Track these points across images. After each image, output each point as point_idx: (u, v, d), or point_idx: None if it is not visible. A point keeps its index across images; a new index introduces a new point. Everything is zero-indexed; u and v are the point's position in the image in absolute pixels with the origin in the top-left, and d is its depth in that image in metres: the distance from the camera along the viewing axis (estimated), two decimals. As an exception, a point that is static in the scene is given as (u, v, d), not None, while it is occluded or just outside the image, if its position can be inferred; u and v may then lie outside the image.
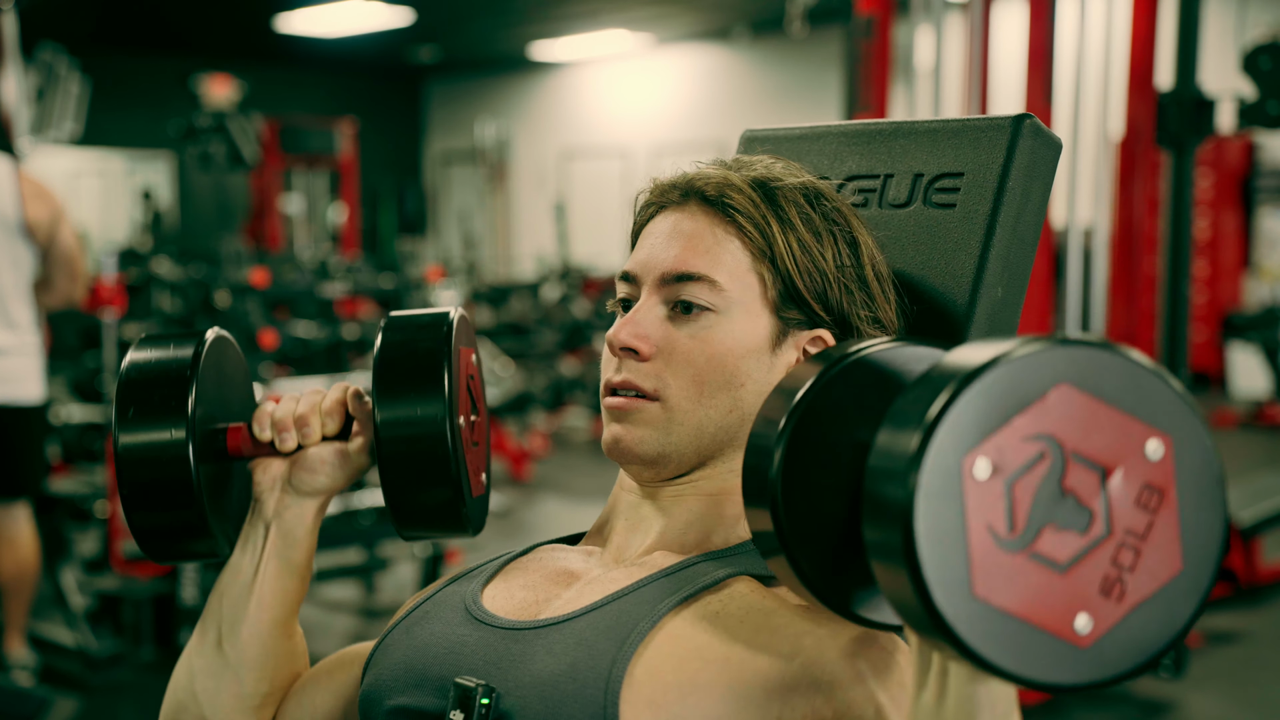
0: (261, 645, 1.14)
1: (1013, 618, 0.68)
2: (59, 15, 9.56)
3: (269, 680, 1.14)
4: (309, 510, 1.13)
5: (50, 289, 3.70)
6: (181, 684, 1.16)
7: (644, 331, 1.05)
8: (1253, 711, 3.86)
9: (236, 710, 1.14)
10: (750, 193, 1.06)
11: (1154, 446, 0.70)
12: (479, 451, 1.12)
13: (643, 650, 0.94)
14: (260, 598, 1.13)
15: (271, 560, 1.13)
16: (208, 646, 1.15)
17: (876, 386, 0.86)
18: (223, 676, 1.14)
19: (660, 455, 1.05)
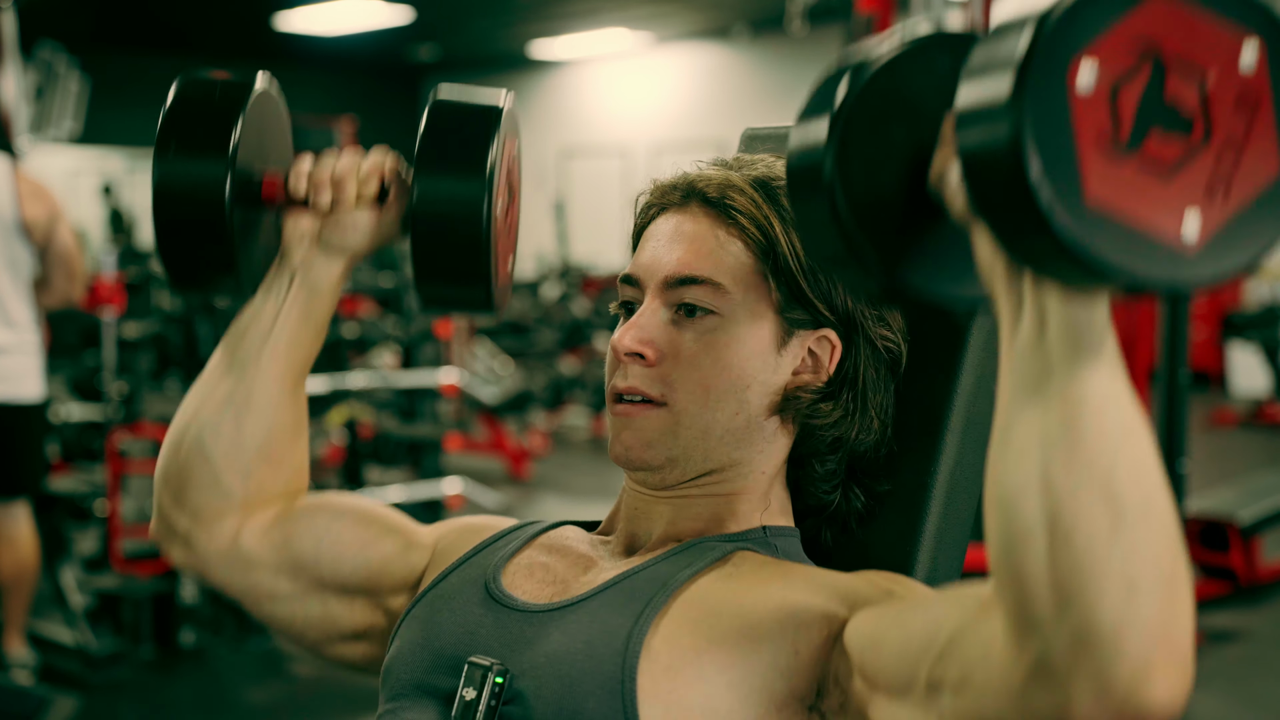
0: (267, 394, 1.15)
1: (1124, 220, 0.68)
2: (58, 14, 9.55)
3: (266, 429, 1.15)
4: (335, 268, 1.15)
5: (49, 288, 3.70)
6: (189, 409, 1.17)
7: (648, 336, 1.05)
8: (1253, 711, 3.86)
9: (232, 449, 1.14)
10: (751, 193, 1.06)
11: (1249, 50, 0.71)
12: (509, 238, 1.14)
13: (659, 621, 0.96)
14: (276, 345, 1.15)
15: (293, 309, 1.15)
16: (218, 378, 1.16)
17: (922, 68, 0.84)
18: (225, 411, 1.15)
19: (669, 460, 1.05)
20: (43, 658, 3.87)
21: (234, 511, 1.15)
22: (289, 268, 1.15)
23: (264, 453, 1.15)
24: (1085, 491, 0.70)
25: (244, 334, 1.16)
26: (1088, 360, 0.72)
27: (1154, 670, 0.69)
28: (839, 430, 1.06)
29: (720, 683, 0.93)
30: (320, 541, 1.15)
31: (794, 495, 1.11)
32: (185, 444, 1.16)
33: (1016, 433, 0.74)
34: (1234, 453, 7.83)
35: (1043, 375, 0.73)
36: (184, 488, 1.16)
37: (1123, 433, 0.72)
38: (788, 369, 1.06)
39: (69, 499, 4.35)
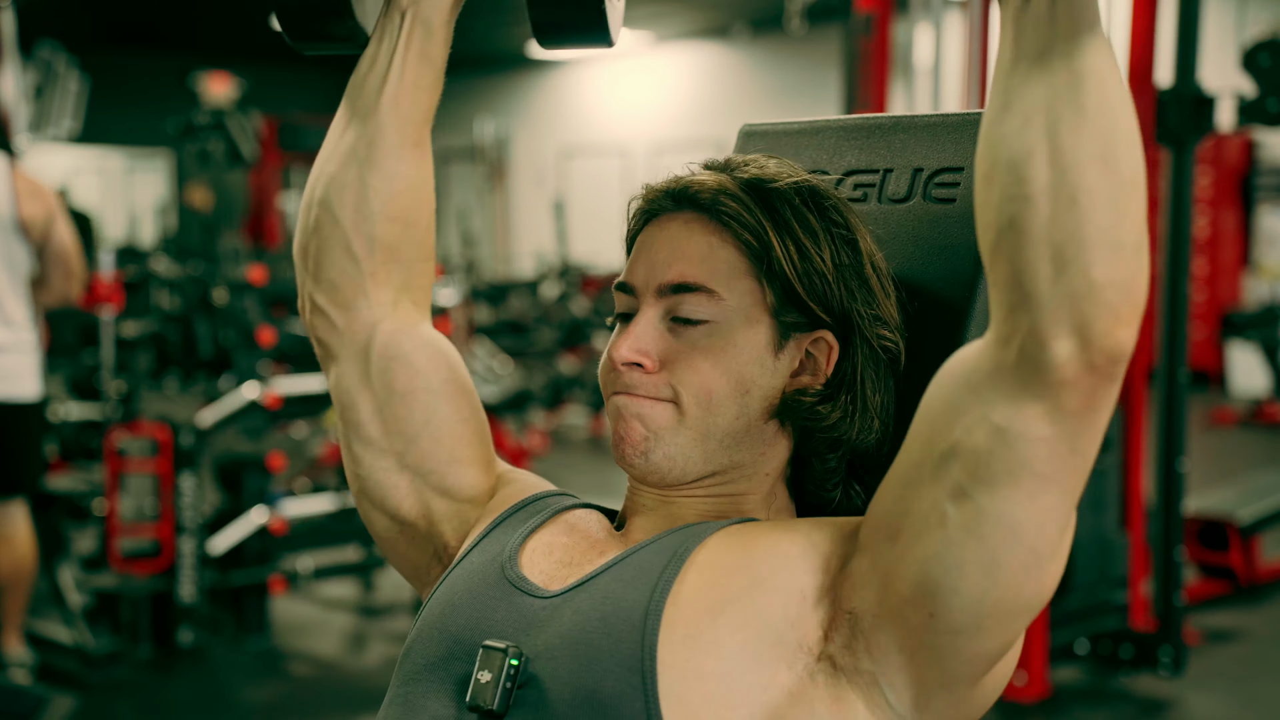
0: (388, 142, 1.12)
1: None
2: (58, 13, 9.55)
3: (389, 184, 1.12)
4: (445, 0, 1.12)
5: (47, 287, 3.70)
6: (318, 167, 1.15)
7: (645, 346, 1.05)
8: (1252, 710, 3.86)
9: (358, 208, 1.12)
10: (744, 197, 1.05)
11: None
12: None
13: (676, 592, 0.96)
14: (394, 89, 1.12)
15: (409, 49, 1.12)
16: (341, 133, 1.14)
17: None
18: (348, 167, 1.12)
19: (665, 458, 1.05)
20: (41, 657, 3.87)
21: (365, 281, 1.13)
22: (399, 7, 1.12)
23: (390, 211, 1.13)
24: (1090, 158, 0.79)
25: (362, 83, 1.13)
26: (1091, 34, 0.80)
27: (1122, 318, 0.80)
28: (839, 431, 1.06)
29: (733, 645, 0.93)
30: (427, 425, 1.14)
31: (796, 494, 1.11)
32: (314, 206, 1.14)
33: (1021, 99, 0.81)
34: (1233, 452, 7.83)
35: (1049, 45, 0.80)
36: (320, 260, 1.13)
37: (1121, 104, 0.80)
38: (785, 372, 1.06)
39: (67, 498, 4.35)
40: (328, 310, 1.15)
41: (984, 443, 0.84)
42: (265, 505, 4.35)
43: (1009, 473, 0.84)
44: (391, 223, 1.13)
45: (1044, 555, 0.86)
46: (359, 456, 1.16)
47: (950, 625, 0.88)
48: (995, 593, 0.87)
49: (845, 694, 0.93)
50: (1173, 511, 3.79)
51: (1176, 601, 3.78)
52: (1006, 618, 0.89)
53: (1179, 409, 3.79)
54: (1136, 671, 3.86)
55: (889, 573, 0.91)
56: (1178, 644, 3.76)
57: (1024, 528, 0.85)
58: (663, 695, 0.91)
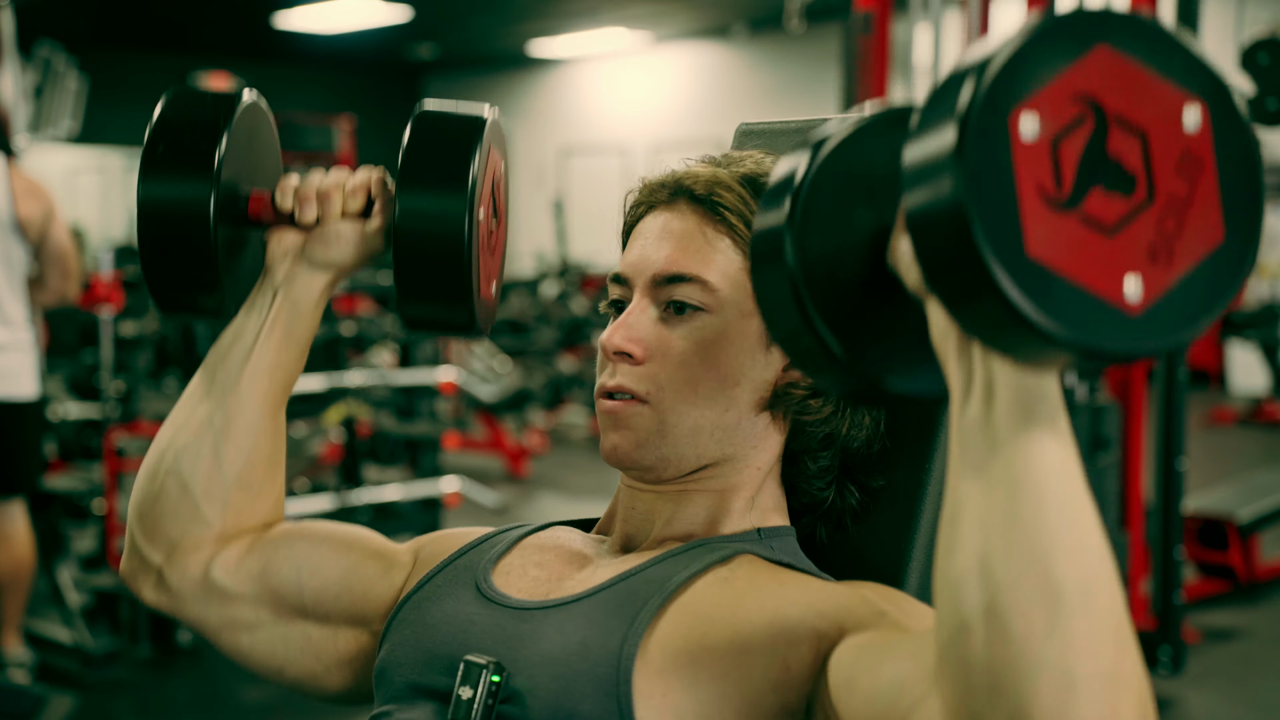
0: (245, 416, 1.13)
1: (1067, 278, 0.66)
2: (57, 12, 9.55)
3: (245, 455, 1.13)
4: (318, 283, 1.14)
5: (44, 286, 3.70)
6: (165, 436, 1.15)
7: (637, 335, 1.05)
8: (1251, 709, 3.86)
9: (210, 476, 1.13)
10: (739, 190, 1.06)
11: (1191, 113, 0.69)
12: (494, 260, 1.12)
13: (655, 624, 0.95)
14: (257, 365, 1.13)
15: (274, 328, 1.13)
16: (196, 402, 1.14)
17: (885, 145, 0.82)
18: (203, 437, 1.13)
19: (658, 459, 1.05)
20: (40, 656, 3.87)
21: (209, 544, 1.14)
22: (271, 285, 1.14)
23: (244, 480, 1.14)
24: (1022, 580, 0.67)
25: (225, 355, 1.14)
26: (1034, 433, 0.70)
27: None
28: (830, 426, 1.06)
29: (713, 691, 0.92)
30: (301, 570, 1.14)
31: (789, 493, 1.10)
32: (162, 472, 1.13)
33: (961, 515, 0.71)
34: (1233, 451, 7.83)
35: (988, 452, 0.71)
36: (160, 519, 1.13)
37: (1065, 513, 0.69)
38: (777, 365, 1.06)
39: (66, 497, 4.35)
40: (163, 567, 1.14)
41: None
42: (264, 505, 4.34)
43: None
44: (242, 491, 1.14)
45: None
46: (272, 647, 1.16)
47: None
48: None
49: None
50: (1172, 510, 3.79)
51: (1176, 600, 3.78)
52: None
53: (1178, 408, 3.79)
54: (1136, 670, 3.86)
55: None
56: (1177, 643, 3.76)
57: None
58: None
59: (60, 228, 3.69)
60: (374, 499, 4.52)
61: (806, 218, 0.80)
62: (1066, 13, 0.68)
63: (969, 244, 0.65)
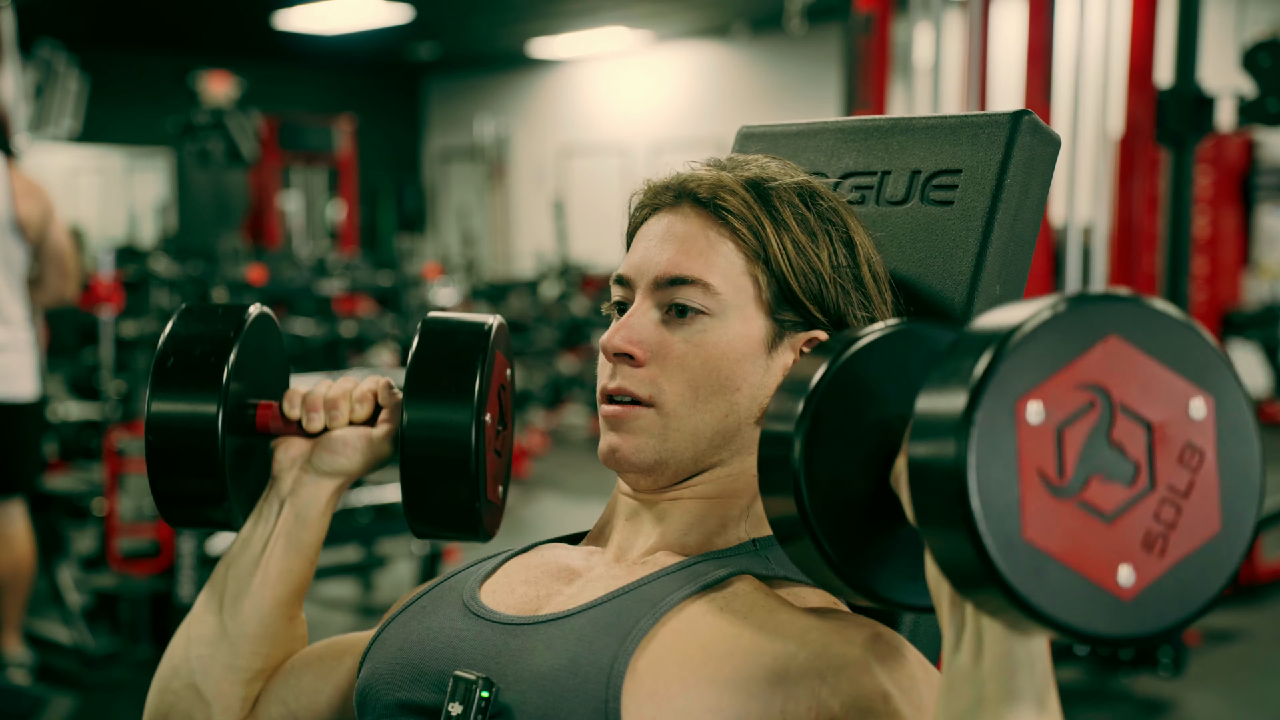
0: (261, 622, 1.14)
1: (1060, 564, 0.67)
2: (58, 12, 9.55)
3: (264, 658, 1.15)
4: (324, 491, 1.15)
5: (43, 287, 3.70)
6: (178, 650, 1.16)
7: (638, 337, 1.04)
8: (1252, 710, 3.85)
9: (227, 681, 1.14)
10: (744, 194, 1.05)
11: (1197, 405, 0.71)
12: (501, 462, 1.14)
13: (645, 645, 0.94)
14: (266, 573, 1.14)
15: (281, 537, 1.14)
16: (209, 614, 1.15)
17: (898, 363, 0.86)
18: (219, 646, 1.14)
19: (657, 462, 1.04)
20: (40, 657, 3.87)
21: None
22: (278, 495, 1.15)
23: (263, 672, 1.16)
24: None
25: (232, 565, 1.15)
26: (1018, 704, 0.71)
27: None
28: None
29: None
30: (287, 703, 1.15)
31: None
32: (175, 686, 1.15)
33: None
34: (1233, 452, 7.81)
35: (973, 707, 0.73)
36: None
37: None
38: (779, 371, 1.05)
39: (66, 498, 4.35)
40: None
41: None
42: (265, 505, 4.34)
43: None
44: (263, 674, 1.15)
45: None
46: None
47: None
48: None
49: None
50: (1172, 512, 3.79)
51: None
52: None
53: (1179, 409, 3.79)
54: (1136, 672, 3.86)
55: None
56: (1178, 644, 3.76)
57: None
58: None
59: (59, 228, 3.69)
60: (374, 499, 4.52)
61: (817, 422, 0.83)
62: (1080, 299, 0.69)
63: (965, 513, 0.67)
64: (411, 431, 1.06)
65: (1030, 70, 4.01)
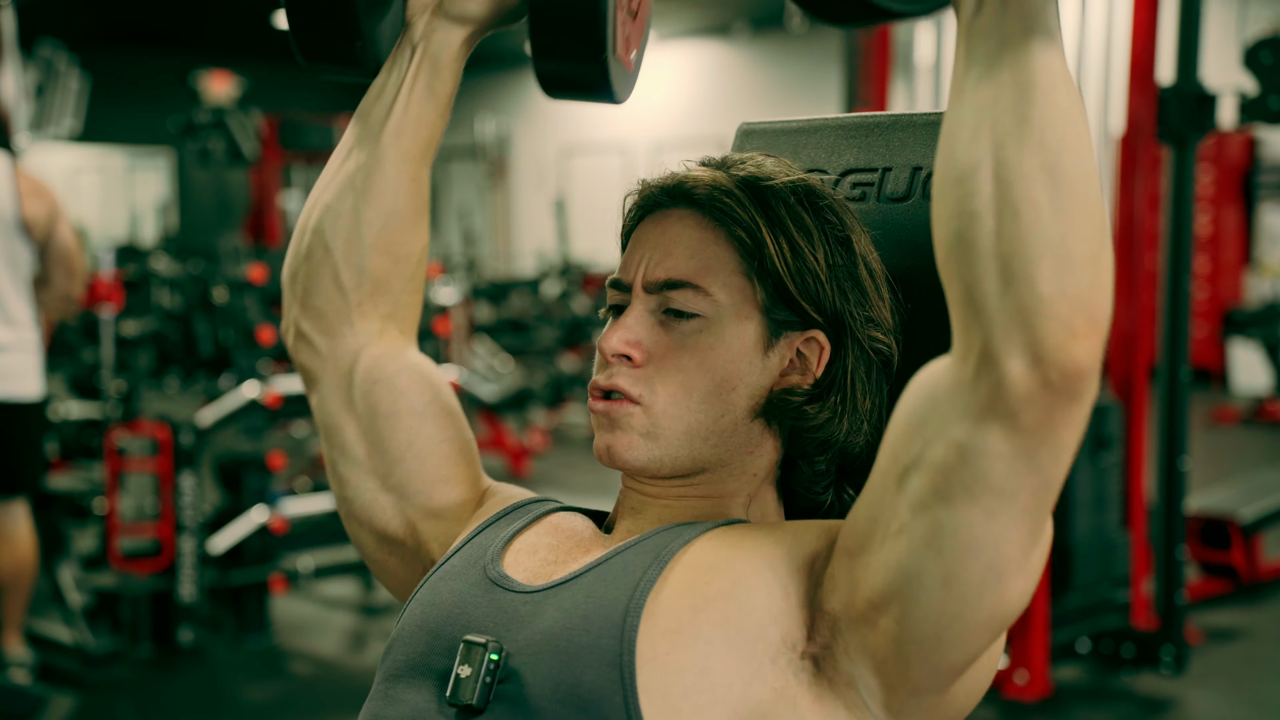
0: (387, 176, 1.14)
1: None
2: (58, 12, 9.55)
3: (384, 217, 1.14)
4: (456, 37, 1.14)
5: (49, 286, 3.70)
6: (314, 194, 1.17)
7: (635, 338, 1.05)
8: (1253, 709, 3.85)
9: (350, 239, 1.14)
10: (739, 194, 1.05)
11: None
12: (637, 25, 1.11)
13: (658, 589, 0.95)
14: (397, 122, 1.14)
15: (416, 84, 1.14)
16: (341, 162, 1.16)
17: None
18: (344, 197, 1.14)
19: (650, 460, 1.05)
20: (41, 656, 3.87)
21: (351, 310, 1.15)
22: (410, 41, 1.14)
23: (381, 243, 1.15)
24: (1034, 170, 0.78)
25: (367, 113, 1.15)
26: (1041, 40, 0.79)
27: (1077, 333, 0.77)
28: (826, 432, 1.05)
29: (716, 639, 0.92)
30: (410, 445, 1.16)
31: (787, 498, 1.10)
32: (308, 231, 1.16)
33: (968, 111, 0.81)
34: (1235, 450, 7.82)
35: (999, 56, 0.79)
36: (309, 286, 1.16)
37: (1070, 114, 0.79)
38: (775, 370, 1.05)
39: (68, 497, 4.35)
40: (312, 337, 1.17)
41: (943, 457, 0.83)
42: (265, 504, 4.35)
43: (966, 489, 0.82)
44: (383, 255, 1.15)
45: (1004, 572, 0.84)
46: (345, 478, 1.19)
47: (911, 635, 0.88)
48: (953, 606, 0.86)
49: (826, 694, 0.93)
50: (1174, 510, 3.79)
51: (1178, 600, 3.77)
52: (967, 632, 0.87)
53: (1181, 407, 3.79)
54: (1138, 670, 3.86)
55: (858, 578, 0.90)
56: (1179, 643, 3.76)
57: (981, 544, 0.83)
58: (642, 689, 0.91)
59: (66, 227, 3.70)
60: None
61: None
62: None
63: None
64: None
65: (1031, 68, 4.00)
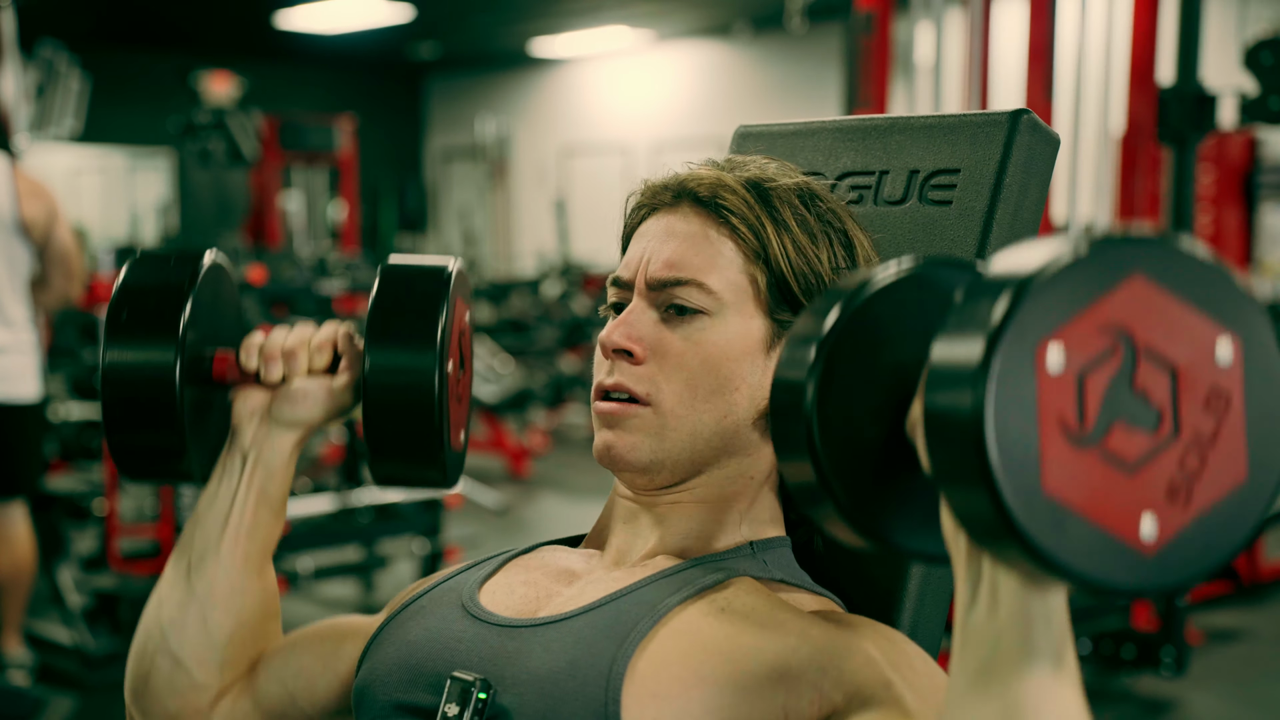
0: (229, 580, 1.12)
1: (1081, 517, 0.64)
2: (59, 12, 9.54)
3: (235, 618, 1.13)
4: (287, 442, 1.13)
5: (47, 287, 3.70)
6: (150, 616, 1.15)
7: (637, 334, 1.03)
8: (1254, 710, 3.85)
9: (201, 645, 1.12)
10: (744, 193, 1.04)
11: (1224, 348, 0.67)
12: (462, 407, 1.12)
13: (645, 646, 0.93)
14: (234, 530, 1.13)
15: (248, 491, 1.13)
16: (178, 577, 1.14)
17: (914, 305, 0.81)
18: (189, 609, 1.12)
19: (653, 462, 1.03)
20: (40, 658, 3.86)
21: (208, 707, 1.14)
22: (240, 449, 1.13)
23: (237, 640, 1.13)
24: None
25: (199, 524, 1.13)
26: (1034, 659, 0.69)
27: None
28: None
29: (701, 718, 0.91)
30: (285, 683, 1.14)
31: (786, 502, 1.09)
32: (150, 651, 1.13)
33: (954, 715, 0.72)
34: (1236, 451, 7.81)
35: (987, 663, 0.70)
36: (156, 697, 1.13)
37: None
38: None
39: (67, 498, 4.35)
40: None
41: None
42: (265, 505, 4.33)
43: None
44: (239, 648, 1.14)
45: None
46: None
47: None
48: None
49: None
50: (1174, 511, 3.78)
51: (1178, 601, 3.77)
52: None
53: (1181, 408, 3.78)
54: (1139, 672, 3.85)
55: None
56: (1180, 644, 3.75)
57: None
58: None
59: (64, 228, 3.69)
60: (374, 500, 4.51)
61: (831, 366, 0.79)
62: (1103, 239, 0.66)
63: (983, 464, 0.64)
64: (374, 378, 1.04)
65: (1031, 69, 4.00)
